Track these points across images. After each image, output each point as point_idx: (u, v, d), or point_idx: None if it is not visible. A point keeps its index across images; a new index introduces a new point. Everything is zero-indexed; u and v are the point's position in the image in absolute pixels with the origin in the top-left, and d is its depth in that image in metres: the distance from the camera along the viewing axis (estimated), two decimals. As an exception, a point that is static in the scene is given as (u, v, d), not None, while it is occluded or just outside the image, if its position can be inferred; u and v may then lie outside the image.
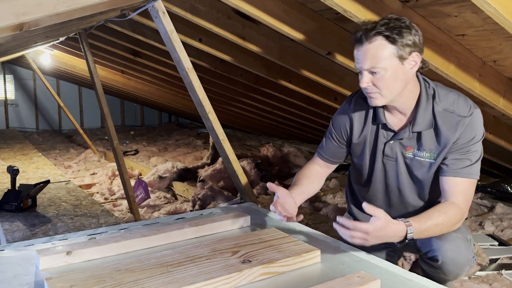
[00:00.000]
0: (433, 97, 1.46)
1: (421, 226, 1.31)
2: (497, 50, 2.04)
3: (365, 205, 1.26)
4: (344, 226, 1.24)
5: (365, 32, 1.37)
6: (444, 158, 1.45)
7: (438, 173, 1.48)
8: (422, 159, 1.48)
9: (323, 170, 1.71)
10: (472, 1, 1.43)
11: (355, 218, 1.75)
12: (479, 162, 1.45)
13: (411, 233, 1.28)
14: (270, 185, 1.43)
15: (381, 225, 1.23)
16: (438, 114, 1.44)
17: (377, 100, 1.43)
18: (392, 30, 1.35)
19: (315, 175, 1.68)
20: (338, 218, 1.26)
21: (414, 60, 1.39)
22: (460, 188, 1.42)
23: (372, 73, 1.39)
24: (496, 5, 1.42)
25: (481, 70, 2.19)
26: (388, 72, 1.37)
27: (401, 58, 1.37)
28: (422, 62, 1.42)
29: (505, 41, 1.93)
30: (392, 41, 1.35)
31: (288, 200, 1.45)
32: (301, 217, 1.44)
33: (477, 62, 2.17)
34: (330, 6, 1.80)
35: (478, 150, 1.44)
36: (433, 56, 2.00)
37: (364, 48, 1.38)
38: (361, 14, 1.79)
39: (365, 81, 1.40)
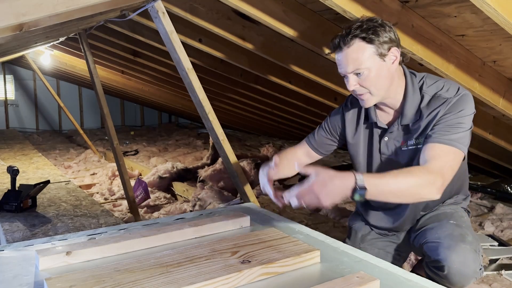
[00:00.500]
0: (421, 88, 1.48)
1: (375, 180, 1.27)
2: (497, 50, 2.04)
3: (298, 169, 1.31)
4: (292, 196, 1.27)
5: (341, 38, 1.40)
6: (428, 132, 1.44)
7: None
8: (414, 147, 1.50)
9: (304, 159, 1.72)
10: (471, 1, 1.44)
11: (363, 217, 1.76)
12: (465, 136, 1.39)
13: (360, 180, 1.24)
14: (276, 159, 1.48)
15: (321, 177, 1.23)
16: (425, 103, 1.45)
17: (368, 101, 1.46)
18: (367, 31, 1.38)
19: (294, 160, 1.68)
20: (285, 197, 1.31)
21: (394, 55, 1.42)
22: (437, 153, 1.36)
23: (357, 74, 1.42)
24: (495, 5, 1.42)
25: (480, 70, 2.19)
26: (372, 71, 1.40)
27: (382, 55, 1.40)
28: (401, 55, 1.45)
29: (505, 42, 1.94)
30: (369, 41, 1.38)
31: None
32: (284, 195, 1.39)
33: (476, 63, 2.17)
34: (330, 6, 1.80)
35: (464, 124, 1.39)
36: (432, 56, 2.00)
37: (344, 53, 1.41)
38: (361, 15, 1.80)
39: (352, 84, 1.43)
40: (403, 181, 1.30)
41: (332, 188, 1.24)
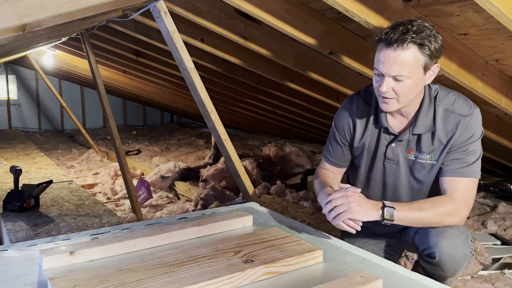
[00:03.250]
0: (435, 98, 1.47)
1: (402, 206, 1.38)
2: (499, 49, 2.03)
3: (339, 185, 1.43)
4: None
5: (400, 37, 1.33)
6: (444, 159, 1.46)
7: (438, 174, 1.49)
8: (424, 161, 1.49)
9: (337, 176, 1.69)
10: (474, 0, 1.43)
11: None
12: (479, 161, 1.45)
13: (389, 206, 1.36)
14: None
15: (357, 193, 1.38)
16: (439, 116, 1.45)
17: (391, 106, 1.43)
18: (425, 39, 1.33)
19: (333, 177, 1.67)
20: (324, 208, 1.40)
21: (434, 71, 1.40)
22: (458, 186, 1.43)
23: (396, 80, 1.37)
24: (498, 4, 1.42)
25: (483, 69, 2.18)
26: (411, 80, 1.37)
27: (426, 69, 1.37)
28: None
29: (508, 40, 1.93)
30: (424, 51, 1.34)
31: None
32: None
33: (479, 61, 2.16)
34: (332, 5, 1.80)
35: (477, 149, 1.44)
36: (435, 55, 1.99)
37: (396, 54, 1.34)
38: (363, 14, 1.79)
39: (387, 86, 1.38)
40: (428, 210, 1.40)
41: (362, 203, 1.37)
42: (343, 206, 1.35)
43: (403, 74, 1.35)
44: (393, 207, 1.36)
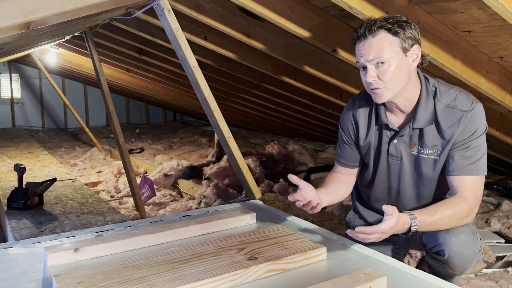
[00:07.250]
0: (435, 94, 1.47)
1: (426, 219, 1.34)
2: (504, 46, 2.03)
3: (385, 207, 1.26)
4: (362, 232, 1.25)
5: (367, 27, 1.39)
6: (449, 156, 1.45)
7: (443, 171, 1.48)
8: (426, 156, 1.49)
9: (347, 177, 1.68)
10: (478, -3, 1.43)
11: (360, 216, 1.75)
12: (485, 157, 1.45)
13: (415, 225, 1.31)
14: (292, 177, 1.40)
15: (394, 221, 1.26)
16: (439, 111, 1.45)
17: (383, 95, 1.43)
18: (393, 23, 1.38)
19: (340, 179, 1.66)
20: (356, 229, 1.26)
21: (415, 53, 1.41)
22: (468, 184, 1.43)
23: (377, 65, 1.39)
24: (503, 1, 1.41)
25: (487, 66, 2.18)
26: (393, 63, 1.38)
27: (404, 50, 1.39)
28: (421, 57, 1.44)
29: (512, 37, 1.93)
30: (395, 33, 1.37)
31: (309, 191, 1.41)
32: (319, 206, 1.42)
33: (483, 59, 2.16)
34: (336, 3, 1.79)
35: (481, 145, 1.44)
36: (439, 52, 1.99)
37: (368, 42, 1.38)
38: (367, 11, 1.79)
39: (371, 75, 1.40)
40: (449, 218, 1.38)
41: (395, 231, 1.30)
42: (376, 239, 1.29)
43: (382, 56, 1.37)
44: (416, 226, 1.32)
